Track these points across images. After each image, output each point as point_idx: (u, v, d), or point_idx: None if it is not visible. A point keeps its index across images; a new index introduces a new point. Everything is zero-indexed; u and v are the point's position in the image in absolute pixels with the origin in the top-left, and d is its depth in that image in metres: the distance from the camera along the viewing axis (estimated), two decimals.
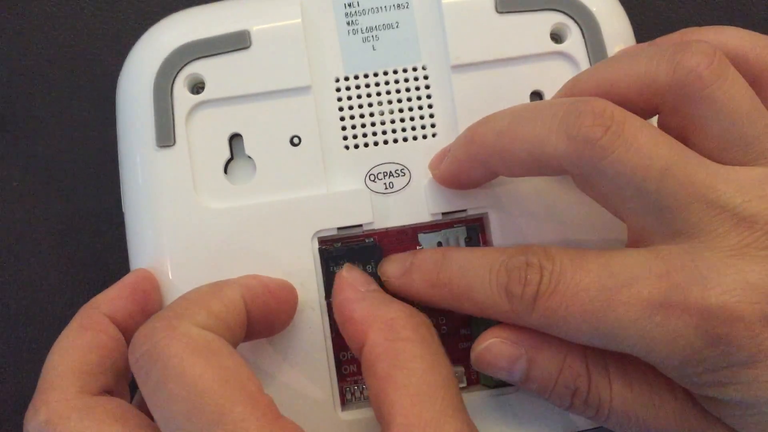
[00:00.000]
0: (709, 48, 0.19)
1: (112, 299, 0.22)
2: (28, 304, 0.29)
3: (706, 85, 0.19)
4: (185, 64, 0.24)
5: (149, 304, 0.23)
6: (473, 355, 0.21)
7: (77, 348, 0.21)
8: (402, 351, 0.19)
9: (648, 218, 0.19)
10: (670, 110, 0.20)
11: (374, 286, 0.22)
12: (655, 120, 0.21)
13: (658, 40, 0.23)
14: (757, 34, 0.22)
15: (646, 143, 0.18)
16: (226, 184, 0.24)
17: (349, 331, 0.21)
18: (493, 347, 0.21)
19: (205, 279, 0.23)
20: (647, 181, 0.18)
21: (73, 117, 0.30)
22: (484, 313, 0.20)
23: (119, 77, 0.25)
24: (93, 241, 0.29)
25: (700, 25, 0.30)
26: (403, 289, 0.22)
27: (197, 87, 0.24)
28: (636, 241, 0.20)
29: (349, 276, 0.22)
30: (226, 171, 0.24)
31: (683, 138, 0.19)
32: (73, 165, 0.30)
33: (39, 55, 0.30)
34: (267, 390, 0.22)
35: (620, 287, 0.18)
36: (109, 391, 0.21)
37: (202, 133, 0.24)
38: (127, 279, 0.23)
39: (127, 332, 0.22)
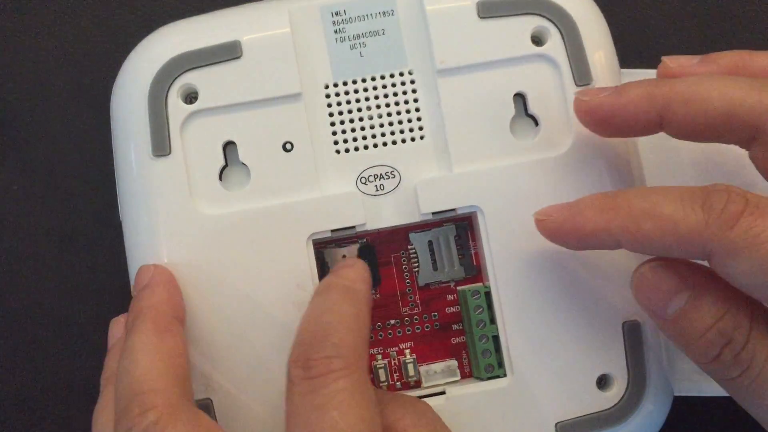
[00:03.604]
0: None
1: (170, 301, 0.22)
2: (28, 306, 0.30)
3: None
4: (178, 75, 0.24)
5: (183, 298, 0.23)
6: (635, 275, 0.21)
7: (165, 352, 0.21)
8: None
9: None
10: None
11: None
12: None
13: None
14: None
15: None
16: (221, 190, 0.24)
17: None
18: (659, 270, 0.20)
19: (204, 284, 0.23)
20: None
21: (73, 122, 0.30)
22: (664, 233, 0.19)
23: (113, 89, 0.25)
24: (92, 244, 0.30)
25: (675, 29, 0.31)
26: (567, 221, 0.21)
27: (190, 97, 0.24)
28: None
29: None
30: (221, 178, 0.24)
31: None
32: (73, 169, 0.30)
33: (39, 61, 0.31)
34: (266, 390, 0.23)
35: None
36: None
37: (196, 141, 0.24)
38: (161, 277, 0.23)
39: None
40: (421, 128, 0.25)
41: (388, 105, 0.25)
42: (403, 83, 0.25)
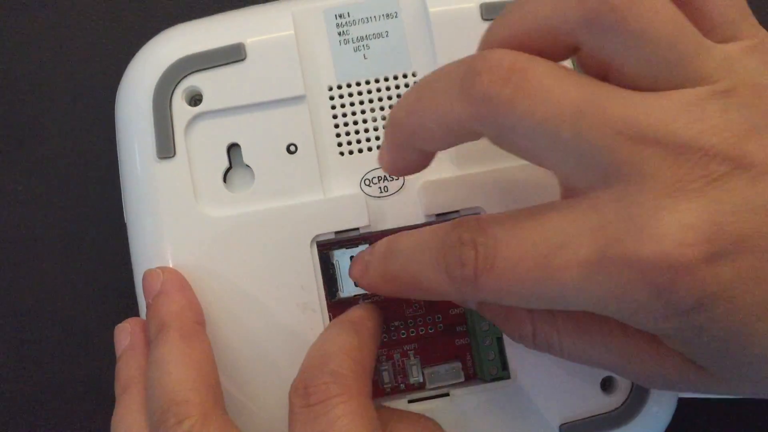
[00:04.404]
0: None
1: (190, 306, 0.23)
2: (32, 307, 0.30)
3: (619, 13, 0.17)
4: (183, 78, 0.24)
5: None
6: None
7: (194, 361, 0.21)
8: None
9: (572, 168, 0.17)
10: (586, 49, 0.18)
11: None
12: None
13: None
14: None
15: (552, 88, 0.17)
16: (225, 192, 0.24)
17: None
18: None
19: (208, 286, 0.24)
20: (561, 128, 0.17)
21: (77, 123, 0.31)
22: (438, 298, 0.20)
23: (118, 91, 0.25)
24: (96, 243, 0.30)
25: None
26: (369, 289, 0.22)
27: (195, 99, 0.24)
28: (568, 190, 0.19)
29: None
30: (225, 180, 0.24)
31: (603, 75, 0.18)
32: (77, 171, 0.30)
33: (44, 62, 0.31)
34: (271, 391, 0.23)
35: (556, 251, 0.17)
36: None
37: (201, 143, 0.24)
38: (174, 282, 0.23)
39: None
40: None
41: (392, 107, 0.25)
42: (407, 85, 0.25)
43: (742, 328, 0.16)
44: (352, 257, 0.25)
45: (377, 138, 0.25)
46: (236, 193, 0.24)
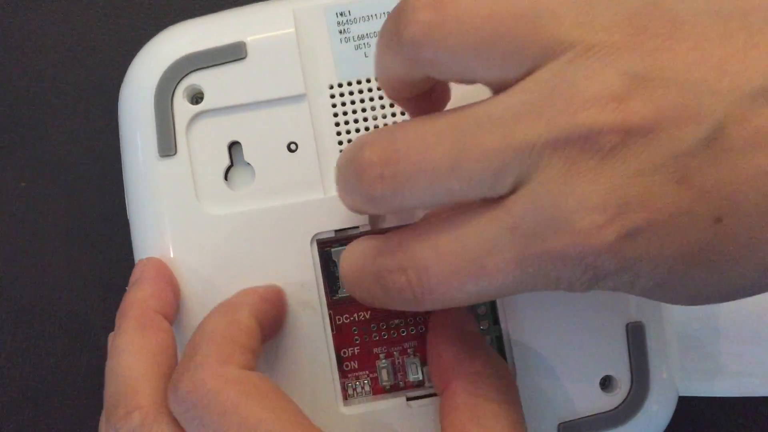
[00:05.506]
0: (410, 5, 0.17)
1: (156, 295, 0.22)
2: (34, 301, 0.30)
3: (434, 50, 0.17)
4: (184, 76, 0.24)
5: (177, 290, 0.23)
6: None
7: (148, 350, 0.21)
8: (482, 407, 0.20)
9: (479, 197, 0.18)
10: (440, 79, 0.18)
11: (472, 326, 0.22)
12: None
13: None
14: None
15: (423, 156, 0.17)
16: (226, 190, 0.24)
17: (434, 369, 0.22)
18: None
19: (210, 283, 0.24)
20: (449, 184, 0.17)
21: (81, 120, 0.31)
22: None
23: (120, 89, 0.25)
24: (98, 239, 0.30)
25: None
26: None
27: (196, 97, 0.25)
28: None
29: (456, 310, 0.22)
30: (226, 178, 0.25)
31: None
32: (81, 167, 0.31)
33: (46, 59, 0.31)
34: None
35: (484, 258, 0.17)
36: None
37: (202, 141, 0.24)
38: (150, 271, 0.23)
39: (171, 323, 0.23)
40: None
41: (392, 105, 0.25)
42: None
43: (671, 275, 0.16)
44: None
45: None
46: (237, 191, 0.24)
